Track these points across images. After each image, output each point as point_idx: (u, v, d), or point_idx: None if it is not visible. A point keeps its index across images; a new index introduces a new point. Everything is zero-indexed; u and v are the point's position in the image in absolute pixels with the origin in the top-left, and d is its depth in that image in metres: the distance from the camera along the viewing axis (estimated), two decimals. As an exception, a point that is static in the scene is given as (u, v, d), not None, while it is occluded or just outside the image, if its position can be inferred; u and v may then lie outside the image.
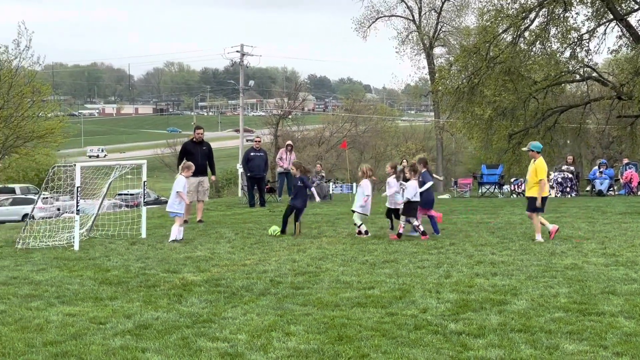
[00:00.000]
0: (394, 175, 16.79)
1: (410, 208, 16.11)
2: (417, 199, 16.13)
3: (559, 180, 30.89)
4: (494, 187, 32.60)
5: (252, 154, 24.96)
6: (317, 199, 18.29)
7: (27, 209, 49.52)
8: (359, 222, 16.54)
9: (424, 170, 16.90)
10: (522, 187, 32.01)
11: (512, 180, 33.88)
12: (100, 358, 7.35)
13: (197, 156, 19.90)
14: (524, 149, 17.07)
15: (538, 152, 15.62)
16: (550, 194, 30.42)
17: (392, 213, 16.96)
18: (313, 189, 17.63)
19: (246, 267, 12.51)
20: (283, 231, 16.69)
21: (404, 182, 16.51)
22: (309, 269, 12.23)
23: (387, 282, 10.99)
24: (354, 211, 16.71)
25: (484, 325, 8.40)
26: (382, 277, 11.41)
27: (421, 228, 16.08)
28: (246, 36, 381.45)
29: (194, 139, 20.51)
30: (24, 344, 7.83)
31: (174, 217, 16.38)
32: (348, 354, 7.40)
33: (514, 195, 31.84)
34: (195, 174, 19.28)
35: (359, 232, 16.42)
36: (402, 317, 8.81)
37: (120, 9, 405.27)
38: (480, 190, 32.86)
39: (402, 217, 16.23)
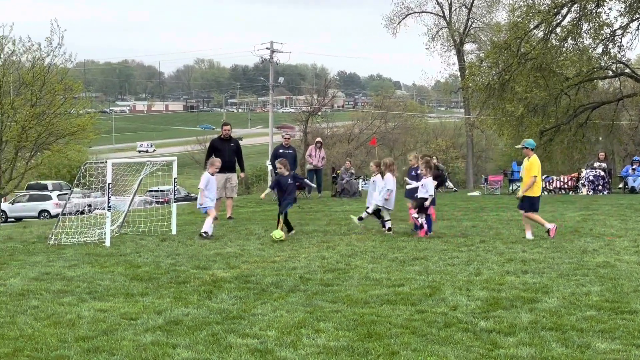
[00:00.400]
0: (379, 174, 16.63)
1: (422, 204, 15.99)
2: (431, 195, 15.97)
3: (591, 177, 30.60)
4: (524, 184, 32.31)
5: (281, 150, 24.96)
6: (313, 185, 18.75)
7: (43, 205, 50.05)
8: (387, 217, 16.46)
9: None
10: (553, 184, 31.78)
11: (543, 177, 33.59)
12: (131, 354, 7.40)
13: (225, 153, 19.90)
14: (518, 146, 16.69)
15: (532, 150, 15.42)
16: (582, 192, 30.32)
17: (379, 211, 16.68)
18: (306, 180, 18.06)
19: (276, 264, 12.53)
20: (290, 229, 16.29)
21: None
22: (338, 266, 12.23)
23: (417, 280, 10.96)
24: (369, 208, 16.59)
25: (515, 323, 8.35)
26: (412, 275, 11.38)
27: (425, 225, 15.94)
28: (276, 33, 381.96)
29: (222, 136, 20.54)
30: (57, 339, 7.91)
31: (206, 212, 16.48)
32: (377, 351, 7.39)
33: (545, 193, 31.58)
34: (222, 171, 19.33)
35: (384, 227, 16.35)
36: (432, 315, 8.79)
37: (151, 6, 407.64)
38: (510, 187, 32.61)
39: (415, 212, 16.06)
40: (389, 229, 16.30)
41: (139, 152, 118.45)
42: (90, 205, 34.81)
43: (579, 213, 20.05)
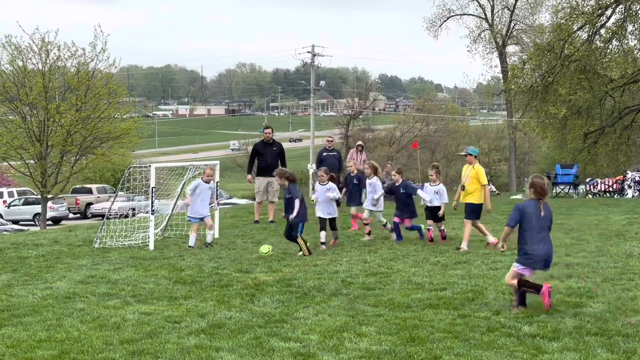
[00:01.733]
0: (376, 177, 16.15)
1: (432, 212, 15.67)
2: (435, 204, 15.63)
3: (637, 178, 30.18)
4: (568, 187, 32.01)
5: (324, 154, 24.92)
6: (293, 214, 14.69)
7: (37, 208, 50.62)
8: (384, 220, 16.19)
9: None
10: (598, 187, 31.41)
11: (587, 180, 33.23)
12: (175, 357, 7.48)
13: (267, 156, 19.93)
14: (461, 153, 15.90)
15: (475, 157, 15.03)
16: (627, 194, 29.92)
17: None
18: (297, 202, 14.43)
19: (318, 268, 12.56)
20: (309, 251, 14.18)
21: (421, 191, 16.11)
22: (380, 270, 12.22)
23: (459, 284, 10.91)
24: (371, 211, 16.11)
25: (559, 328, 8.27)
26: (454, 279, 11.33)
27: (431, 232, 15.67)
28: (317, 36, 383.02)
29: (264, 139, 20.57)
30: (102, 342, 8.02)
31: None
32: (420, 355, 7.37)
33: (590, 196, 31.22)
34: (264, 174, 19.40)
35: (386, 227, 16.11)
36: (475, 319, 8.74)
37: (193, 11, 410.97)
38: (554, 191, 32.30)
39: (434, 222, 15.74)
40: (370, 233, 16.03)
41: (232, 150, 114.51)
42: (134, 209, 35.19)
43: (624, 216, 19.78)
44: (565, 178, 32.43)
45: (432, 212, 15.66)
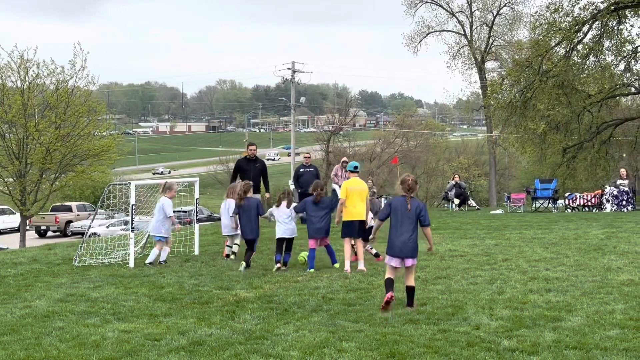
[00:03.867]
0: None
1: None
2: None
3: (615, 193, 30.41)
4: (547, 201, 32.18)
5: (301, 170, 24.97)
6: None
7: None
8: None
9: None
10: (577, 202, 31.61)
11: (566, 194, 33.43)
12: (155, 374, 7.45)
13: (250, 173, 19.86)
14: (348, 168, 15.16)
15: (352, 172, 14.69)
16: (606, 208, 30.15)
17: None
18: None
19: (298, 284, 12.56)
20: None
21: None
22: (360, 286, 12.24)
23: (440, 299, 10.95)
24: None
25: (538, 342, 8.32)
26: (435, 294, 11.37)
27: (373, 250, 15.38)
28: (297, 52, 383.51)
29: (247, 156, 20.47)
30: (81, 360, 7.97)
31: (157, 241, 15.80)
32: (400, 371, 7.38)
33: (569, 210, 31.42)
34: None
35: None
36: (455, 334, 8.77)
37: (172, 28, 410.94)
38: (534, 205, 32.48)
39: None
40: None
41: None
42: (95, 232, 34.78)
43: (602, 230, 19.92)
44: (545, 192, 32.57)
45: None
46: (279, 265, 14.45)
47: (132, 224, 15.55)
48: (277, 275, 13.55)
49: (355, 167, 14.86)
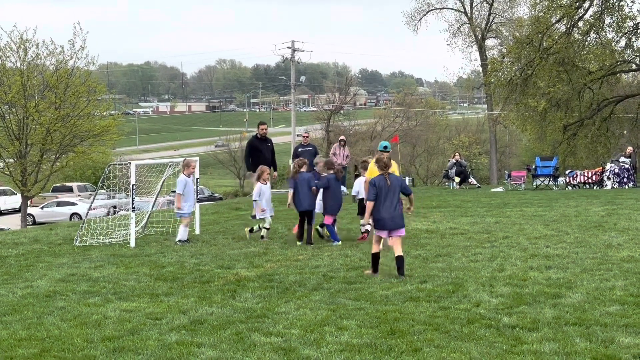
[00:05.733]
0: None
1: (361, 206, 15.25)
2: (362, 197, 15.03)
3: (616, 171, 30.39)
4: (548, 179, 32.16)
5: (300, 149, 24.90)
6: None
7: None
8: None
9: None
10: (578, 179, 31.60)
11: (567, 172, 33.41)
12: (157, 353, 7.48)
13: (264, 152, 19.52)
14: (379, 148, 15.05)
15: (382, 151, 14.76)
16: (606, 185, 30.14)
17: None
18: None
19: (299, 262, 12.58)
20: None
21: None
22: (361, 264, 12.26)
23: (440, 276, 10.98)
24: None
25: (538, 318, 8.34)
26: (435, 271, 11.39)
27: (363, 228, 15.33)
28: (297, 31, 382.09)
29: (259, 135, 20.11)
30: (83, 340, 8.00)
31: (180, 218, 15.83)
32: (401, 348, 7.41)
33: (569, 188, 31.42)
34: None
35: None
36: (455, 311, 8.80)
37: (173, 8, 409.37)
38: (534, 183, 32.46)
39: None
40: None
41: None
42: (115, 207, 35.05)
43: (603, 207, 19.93)
44: (545, 170, 32.53)
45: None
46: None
47: (133, 203, 15.55)
48: (278, 254, 13.58)
49: (385, 147, 14.93)
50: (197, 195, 17.59)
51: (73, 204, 51.55)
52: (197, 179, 17.57)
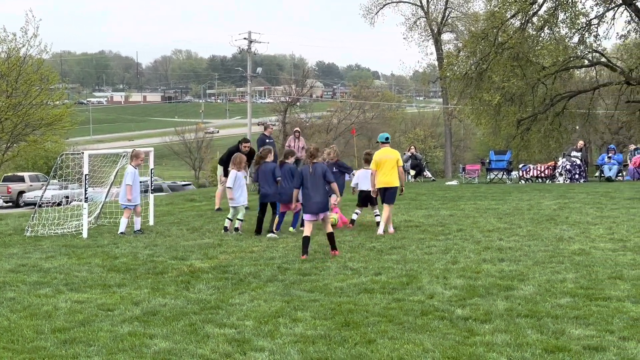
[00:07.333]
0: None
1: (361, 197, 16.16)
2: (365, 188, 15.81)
3: (568, 166, 30.79)
4: (502, 173, 32.49)
5: (267, 141, 24.54)
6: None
7: None
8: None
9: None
10: (530, 173, 31.95)
11: (520, 166, 33.77)
12: (108, 344, 7.39)
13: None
14: (380, 140, 15.72)
15: (383, 143, 15.27)
16: (559, 180, 30.54)
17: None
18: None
19: (254, 254, 12.55)
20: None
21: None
22: (316, 256, 12.26)
23: (395, 268, 11.02)
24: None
25: (491, 310, 8.41)
26: (390, 264, 11.43)
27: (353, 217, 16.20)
28: (254, 22, 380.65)
29: (242, 151, 19.57)
30: (33, 331, 7.88)
31: (124, 209, 15.67)
32: (355, 339, 7.42)
33: (522, 181, 31.78)
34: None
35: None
36: (409, 303, 8.83)
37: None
38: (488, 177, 32.76)
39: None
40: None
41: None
42: (67, 197, 34.61)
43: (555, 201, 20.19)
44: (499, 164, 32.84)
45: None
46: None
47: (86, 194, 15.35)
48: (232, 246, 13.52)
49: (387, 139, 15.52)
50: (152, 186, 17.46)
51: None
52: (151, 169, 17.44)
